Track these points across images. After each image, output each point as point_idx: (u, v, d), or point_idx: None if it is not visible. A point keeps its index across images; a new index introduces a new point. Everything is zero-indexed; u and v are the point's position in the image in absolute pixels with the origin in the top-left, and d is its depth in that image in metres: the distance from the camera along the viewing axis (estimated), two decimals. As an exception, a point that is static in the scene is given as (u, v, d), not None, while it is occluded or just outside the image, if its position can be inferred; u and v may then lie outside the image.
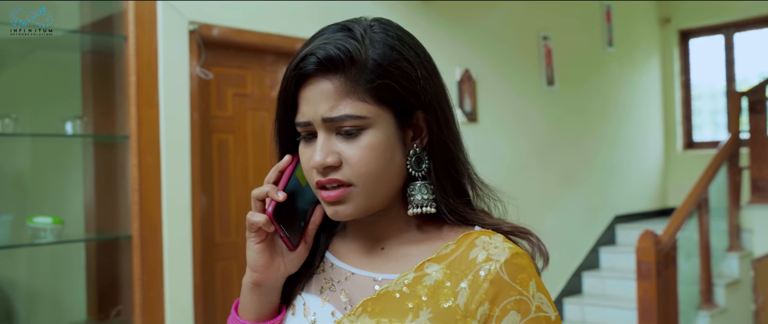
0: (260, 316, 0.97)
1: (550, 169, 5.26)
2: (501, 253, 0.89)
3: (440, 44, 4.40)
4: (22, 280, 3.68)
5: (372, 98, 0.88)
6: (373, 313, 0.89)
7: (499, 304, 0.86)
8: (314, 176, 0.90)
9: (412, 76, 0.90)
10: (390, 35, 0.92)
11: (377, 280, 0.93)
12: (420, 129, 0.92)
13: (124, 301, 3.04)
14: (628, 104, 6.25)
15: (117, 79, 3.05)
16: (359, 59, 0.88)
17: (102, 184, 3.15)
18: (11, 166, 3.41)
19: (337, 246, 1.00)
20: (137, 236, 2.96)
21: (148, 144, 2.99)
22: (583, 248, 5.59)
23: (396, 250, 0.95)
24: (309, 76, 0.89)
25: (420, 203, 0.92)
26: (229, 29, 3.30)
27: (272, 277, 0.95)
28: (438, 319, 0.86)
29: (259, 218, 0.91)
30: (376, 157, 0.88)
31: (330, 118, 0.87)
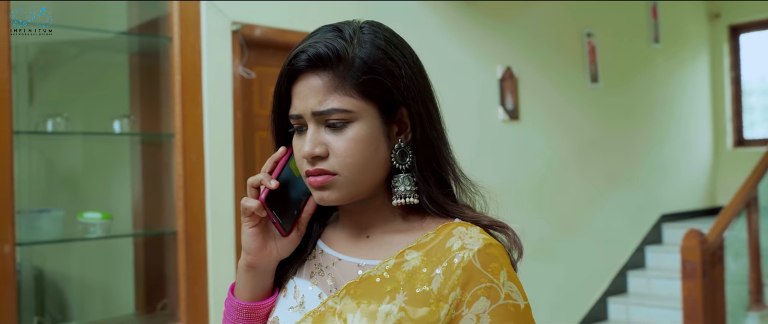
0: (254, 297, 1.04)
1: (593, 167, 5.21)
2: (475, 243, 0.95)
3: (480, 42, 4.40)
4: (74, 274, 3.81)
5: (358, 93, 0.94)
6: (355, 295, 0.95)
7: (470, 289, 0.92)
8: (304, 165, 0.97)
9: (396, 74, 0.96)
10: (378, 37, 0.98)
11: (361, 266, 0.99)
12: (404, 124, 0.99)
13: (170, 295, 3.13)
14: (675, 101, 6.14)
15: (162, 78, 3.13)
16: (346, 57, 0.95)
17: (149, 181, 3.24)
18: (63, 164, 3.53)
19: (328, 234, 1.07)
20: (182, 232, 3.04)
21: (192, 142, 3.07)
22: (629, 247, 5.51)
23: (380, 238, 1.02)
24: (300, 72, 0.96)
25: (403, 194, 0.98)
26: (271, 29, 3.36)
27: (265, 261, 1.02)
28: (412, 302, 0.92)
29: (252, 203, 0.98)
30: (360, 149, 0.95)
31: (318, 112, 0.95)
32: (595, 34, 5.20)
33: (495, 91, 4.46)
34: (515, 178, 4.56)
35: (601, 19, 5.28)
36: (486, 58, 4.43)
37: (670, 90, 6.06)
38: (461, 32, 4.28)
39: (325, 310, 0.96)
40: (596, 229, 5.13)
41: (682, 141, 6.20)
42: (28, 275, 2.93)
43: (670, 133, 6.04)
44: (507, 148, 4.54)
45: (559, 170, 4.93)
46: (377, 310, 0.92)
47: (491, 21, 4.48)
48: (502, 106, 4.47)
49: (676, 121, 6.15)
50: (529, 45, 4.72)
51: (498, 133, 4.49)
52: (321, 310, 0.97)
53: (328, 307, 0.96)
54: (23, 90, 3.04)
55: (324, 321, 0.95)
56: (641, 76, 5.73)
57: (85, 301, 3.76)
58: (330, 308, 0.96)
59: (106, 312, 3.65)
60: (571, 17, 5.07)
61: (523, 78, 4.61)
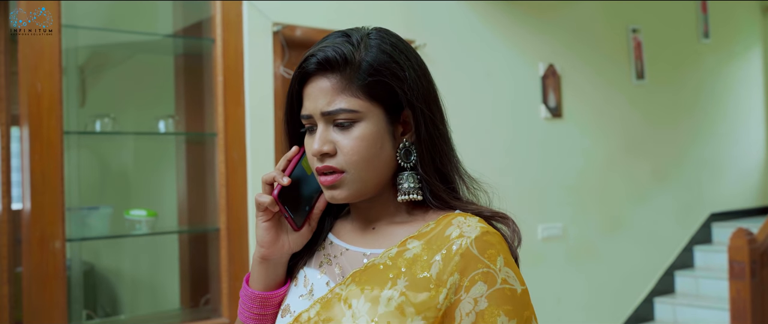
0: (267, 287, 1.10)
1: (640, 164, 5.13)
2: (472, 231, 1.00)
3: (521, 40, 4.38)
4: (123, 269, 3.94)
5: (364, 95, 1.01)
6: (360, 281, 1.01)
7: (468, 275, 0.97)
8: (315, 163, 1.03)
9: (400, 76, 1.02)
10: (384, 42, 1.04)
11: (366, 255, 1.06)
12: (409, 125, 1.05)
13: (212, 290, 3.21)
14: (725, 97, 6.00)
15: (206, 79, 3.21)
16: (353, 61, 1.01)
17: (193, 180, 3.33)
18: (111, 163, 3.66)
19: (338, 227, 1.15)
20: (224, 229, 3.11)
21: (234, 141, 3.14)
22: (676, 247, 5.42)
23: (384, 230, 1.08)
24: (311, 74, 1.03)
25: (407, 191, 1.05)
26: (311, 29, 3.41)
27: (277, 253, 1.08)
28: (412, 287, 0.97)
29: (265, 199, 1.05)
30: (366, 147, 1.01)
31: (327, 112, 1.01)
32: (641, 30, 5.12)
33: (537, 88, 4.43)
34: (558, 177, 4.52)
35: (647, 14, 5.20)
36: (528, 55, 4.41)
37: (719, 86, 5.92)
38: (503, 30, 4.27)
39: (332, 297, 1.01)
40: (642, 228, 5.06)
41: (732, 138, 6.06)
42: (77, 270, 3.04)
43: (719, 130, 5.91)
44: (549, 146, 4.51)
45: (604, 168, 4.87)
46: (380, 295, 0.97)
47: (533, 18, 4.45)
48: (545, 104, 4.44)
49: (727, 118, 6.01)
50: (571, 42, 4.68)
51: (540, 131, 4.46)
52: (328, 296, 1.02)
53: (335, 294, 1.01)
54: (74, 92, 3.15)
55: (331, 307, 1.00)
56: (689, 72, 5.62)
57: (133, 296, 3.88)
58: (336, 295, 1.01)
59: (153, 306, 3.77)
60: (615, 13, 5.00)
61: (565, 75, 4.57)
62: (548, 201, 4.46)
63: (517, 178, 4.25)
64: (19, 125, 2.69)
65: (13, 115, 2.86)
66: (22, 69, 2.62)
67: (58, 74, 2.68)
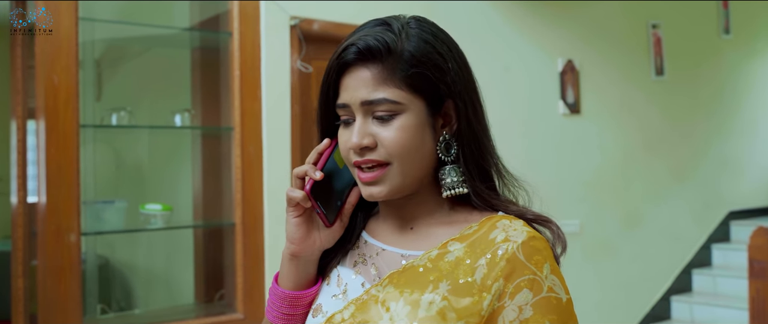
0: (297, 286, 1.06)
1: (658, 161, 5.07)
2: (519, 235, 0.95)
3: (539, 36, 4.33)
4: (138, 263, 3.94)
5: (406, 86, 0.96)
6: (398, 284, 0.96)
7: (513, 281, 0.93)
8: (352, 157, 0.99)
9: (443, 68, 0.98)
10: (425, 31, 1.00)
11: (404, 256, 1.01)
12: (449, 117, 1.01)
13: (227, 285, 3.19)
14: (746, 94, 5.92)
15: (222, 73, 3.19)
16: (396, 50, 0.96)
17: (208, 174, 3.32)
18: (126, 156, 3.65)
19: (371, 225, 1.09)
20: (240, 224, 3.09)
21: (250, 135, 3.12)
22: (694, 245, 5.36)
23: (424, 230, 1.03)
24: (350, 64, 0.98)
25: (452, 186, 1.00)
26: (328, 23, 3.38)
27: (308, 250, 1.04)
28: (455, 292, 0.93)
29: (297, 194, 1.00)
30: (408, 138, 0.96)
31: (368, 101, 0.96)
32: (661, 25, 5.05)
33: (556, 84, 4.39)
34: (576, 173, 4.48)
35: (667, 10, 5.13)
36: (546, 51, 4.36)
37: (740, 82, 5.85)
38: (522, 26, 4.23)
39: (368, 298, 0.97)
40: (660, 226, 5.00)
41: (752, 135, 5.98)
42: (92, 264, 3.04)
43: (739, 127, 5.83)
44: (567, 143, 4.46)
45: (622, 165, 4.82)
46: (420, 298, 0.93)
47: (551, 13, 4.40)
48: (563, 100, 4.39)
49: (747, 115, 5.93)
50: (590, 37, 4.63)
51: (558, 127, 4.41)
52: (364, 298, 0.98)
53: (371, 296, 0.97)
54: (90, 86, 3.14)
55: (367, 308, 0.96)
56: (709, 69, 5.55)
57: (147, 290, 3.88)
58: (373, 296, 0.97)
59: (168, 300, 3.76)
60: (635, 8, 4.94)
61: (584, 71, 4.52)
62: (565, 197, 4.41)
63: (534, 174, 4.15)
64: (36, 119, 2.68)
65: (29, 108, 2.86)
66: (39, 62, 2.61)
67: (74, 68, 2.67)
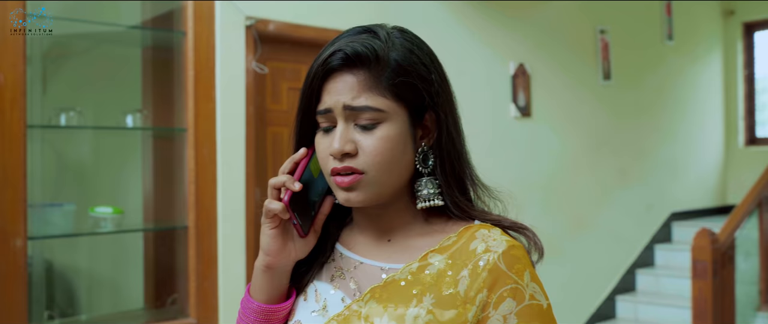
0: (271, 298, 1.04)
1: (604, 164, 5.19)
2: (499, 245, 0.96)
3: (493, 39, 4.38)
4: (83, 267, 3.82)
5: (391, 94, 0.96)
6: (381, 299, 0.96)
7: (497, 291, 0.94)
8: (330, 163, 0.97)
9: (428, 79, 0.98)
10: (409, 40, 0.99)
11: (384, 269, 1.00)
12: (428, 129, 1.01)
13: (180, 290, 3.13)
14: (688, 99, 6.10)
15: (176, 73, 3.12)
16: (383, 57, 0.96)
17: (160, 176, 3.24)
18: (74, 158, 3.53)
19: (346, 238, 1.08)
20: (193, 227, 3.03)
21: (204, 137, 3.06)
22: (638, 245, 5.50)
23: (402, 242, 1.02)
24: (334, 70, 0.96)
25: (427, 197, 0.99)
26: (284, 24, 3.34)
27: (283, 262, 1.02)
28: (440, 305, 0.93)
29: (276, 206, 0.98)
30: (389, 149, 0.95)
31: (351, 107, 0.95)
32: (609, 31, 5.17)
33: (507, 87, 4.43)
34: (526, 176, 4.54)
35: (614, 16, 5.25)
36: (499, 54, 4.41)
37: (682, 87, 6.03)
38: (473, 29, 4.26)
39: (350, 314, 0.97)
40: (606, 227, 5.11)
41: (693, 139, 6.17)
42: (39, 269, 2.94)
43: (681, 130, 6.01)
44: (518, 146, 4.52)
45: (570, 168, 4.91)
46: (405, 313, 0.93)
47: (504, 17, 4.45)
48: (515, 103, 4.44)
49: (688, 119, 6.11)
50: (542, 41, 4.70)
51: (510, 130, 4.47)
52: (345, 314, 0.97)
53: (353, 311, 0.97)
54: (36, 82, 3.03)
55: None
56: (654, 74, 5.70)
57: (93, 295, 3.77)
58: (354, 312, 0.97)
59: (115, 306, 3.66)
60: (584, 14, 5.03)
61: (535, 75, 4.58)
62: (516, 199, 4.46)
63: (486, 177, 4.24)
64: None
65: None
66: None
67: (22, 66, 2.57)
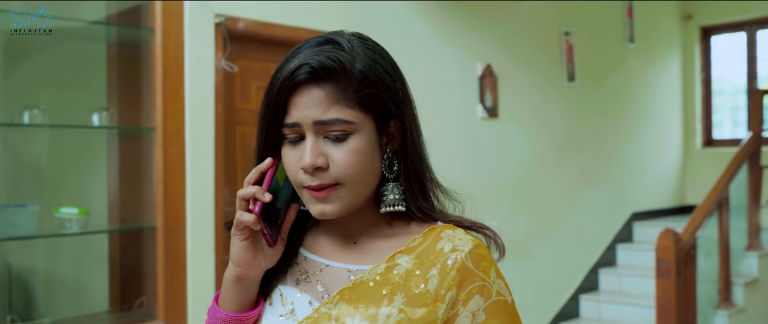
0: (241, 308, 1.05)
1: (568, 165, 5.24)
2: (465, 245, 0.99)
3: (461, 39, 4.39)
4: (42, 269, 3.71)
5: (358, 106, 0.96)
6: (350, 300, 0.97)
7: (465, 289, 0.97)
8: (301, 177, 0.97)
9: (393, 88, 1.00)
10: (370, 48, 1.00)
11: (351, 271, 1.02)
12: (392, 135, 1.03)
13: (148, 292, 3.06)
14: (648, 101, 6.21)
15: (143, 71, 3.06)
16: (348, 69, 0.96)
17: (126, 176, 3.17)
18: (37, 157, 3.43)
19: (309, 241, 1.09)
20: (161, 227, 2.97)
21: (173, 136, 3.00)
22: (600, 245, 5.57)
23: (367, 244, 1.04)
24: (301, 83, 0.96)
25: (392, 202, 1.02)
26: (254, 22, 3.30)
27: (254, 272, 1.03)
28: (411, 303, 0.96)
29: (249, 218, 0.98)
30: (360, 160, 0.96)
31: (321, 121, 0.95)
32: (573, 33, 5.23)
33: (475, 88, 4.45)
34: (494, 176, 4.56)
35: (578, 18, 5.31)
36: (467, 54, 4.42)
37: (642, 89, 6.13)
38: (442, 29, 4.26)
39: (319, 316, 0.98)
40: (571, 227, 5.17)
41: (653, 140, 6.28)
42: (2, 272, 2.84)
43: (641, 132, 6.11)
44: (486, 146, 4.54)
45: (537, 168, 4.95)
46: (377, 312, 0.95)
47: (472, 18, 4.46)
48: (482, 104, 4.46)
49: (648, 121, 6.22)
50: (509, 42, 4.73)
51: (477, 130, 4.48)
52: (314, 316, 0.98)
53: (322, 314, 0.98)
54: None
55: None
56: (616, 75, 5.78)
57: (55, 298, 3.66)
58: (324, 314, 0.98)
59: (79, 309, 3.56)
60: (550, 15, 5.08)
61: (502, 75, 4.61)
62: (483, 199, 4.47)
63: (454, 177, 4.23)
64: (-60, 115, 2.48)
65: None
66: (-54, 55, 2.42)
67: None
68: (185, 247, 3.05)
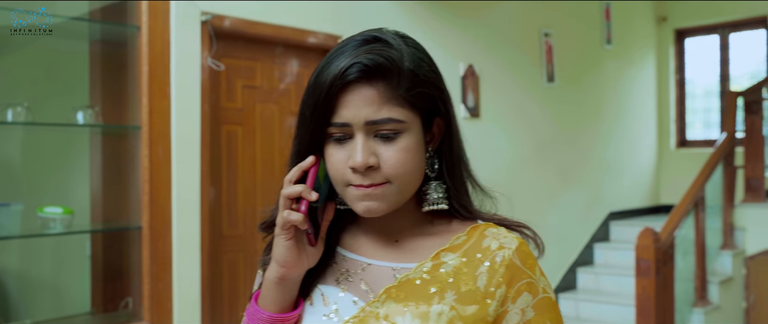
0: (282, 308, 1.03)
1: (548, 165, 5.29)
2: (511, 242, 1.00)
3: (444, 40, 4.40)
4: (20, 269, 3.64)
5: (408, 104, 0.96)
6: (398, 298, 0.96)
7: (514, 286, 0.98)
8: (348, 176, 0.96)
9: (439, 87, 1.00)
10: (414, 47, 1.00)
11: (396, 269, 1.01)
12: (434, 133, 1.02)
13: (133, 292, 3.02)
14: (625, 102, 6.29)
15: (129, 68, 3.02)
16: (399, 68, 0.95)
17: (110, 175, 3.13)
18: (19, 156, 3.37)
19: (347, 240, 1.08)
20: (147, 227, 2.94)
21: (159, 135, 2.97)
22: (578, 244, 5.63)
23: (410, 243, 1.04)
24: (352, 82, 0.94)
25: (435, 201, 1.01)
26: (240, 20, 3.28)
27: (297, 272, 1.01)
28: (462, 301, 0.95)
29: (297, 217, 0.96)
30: (410, 159, 0.96)
31: (373, 121, 0.94)
32: (552, 34, 5.27)
33: (457, 88, 4.47)
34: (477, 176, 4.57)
35: (557, 19, 5.36)
36: (450, 54, 4.44)
37: (619, 91, 6.20)
38: (426, 29, 4.27)
39: (366, 315, 0.97)
40: (550, 227, 5.21)
41: (629, 141, 6.36)
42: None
43: (618, 132, 6.19)
44: (468, 147, 4.54)
45: (518, 168, 4.98)
46: (428, 310, 0.94)
47: (454, 18, 4.48)
48: (464, 104, 4.48)
49: (624, 122, 6.30)
50: (491, 43, 4.75)
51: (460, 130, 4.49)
52: (360, 315, 0.97)
53: (369, 312, 0.97)
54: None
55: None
56: (593, 77, 5.85)
57: (36, 299, 3.60)
58: (371, 313, 0.96)
59: (59, 310, 3.51)
60: (530, 17, 5.12)
61: (484, 76, 4.63)
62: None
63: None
64: None
65: None
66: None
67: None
68: (171, 247, 3.02)
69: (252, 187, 3.43)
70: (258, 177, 3.45)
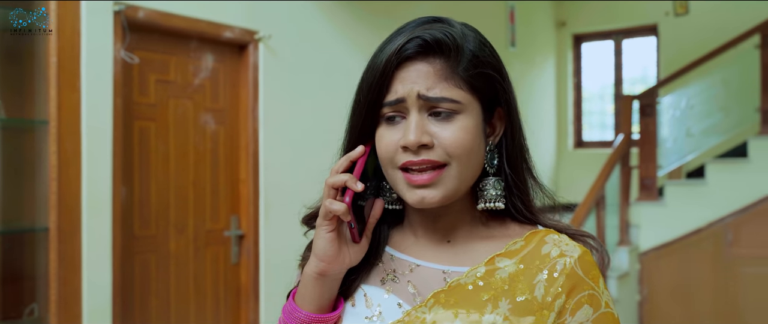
0: (321, 308, 0.96)
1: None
2: (573, 251, 0.93)
3: (363, 39, 4.38)
4: None
5: (467, 85, 0.91)
6: (447, 304, 0.90)
7: (574, 297, 0.90)
8: (400, 157, 0.90)
9: (501, 72, 0.95)
10: (476, 32, 0.96)
11: (446, 272, 0.94)
12: (494, 127, 0.97)
13: (39, 298, 2.84)
14: (526, 104, 6.48)
15: (37, 60, 2.83)
16: (460, 46, 0.91)
17: (12, 173, 2.92)
18: None
19: (396, 239, 1.01)
20: (55, 229, 2.77)
21: (68, 130, 2.80)
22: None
23: (462, 244, 0.97)
24: (410, 58, 0.90)
25: (492, 199, 0.94)
26: (155, 12, 3.14)
27: (337, 268, 0.94)
28: (516, 311, 0.88)
29: (339, 206, 0.89)
30: (469, 140, 0.90)
31: (427, 97, 0.89)
32: (461, 36, 5.35)
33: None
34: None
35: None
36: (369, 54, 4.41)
37: (522, 93, 6.35)
38: (345, 28, 4.24)
39: (411, 320, 0.91)
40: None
41: (530, 142, 6.46)
42: None
43: (522, 134, 6.36)
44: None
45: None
46: (480, 320, 0.88)
47: (374, 17, 4.47)
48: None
49: (527, 123, 6.46)
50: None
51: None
52: (405, 320, 0.91)
53: (414, 317, 0.91)
54: None
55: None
56: (499, 79, 5.98)
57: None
58: (418, 318, 0.90)
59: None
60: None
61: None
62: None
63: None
64: None
65: None
66: None
67: None
68: (80, 249, 2.86)
69: (165, 186, 3.30)
70: (171, 175, 3.32)
